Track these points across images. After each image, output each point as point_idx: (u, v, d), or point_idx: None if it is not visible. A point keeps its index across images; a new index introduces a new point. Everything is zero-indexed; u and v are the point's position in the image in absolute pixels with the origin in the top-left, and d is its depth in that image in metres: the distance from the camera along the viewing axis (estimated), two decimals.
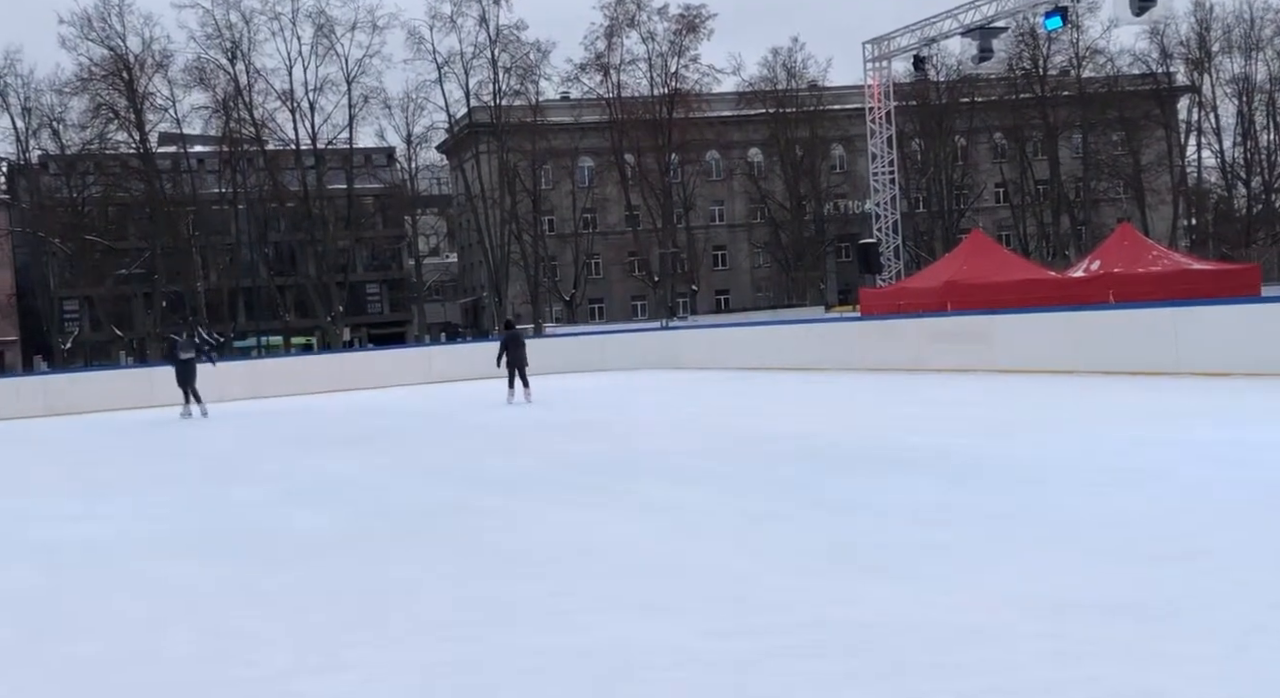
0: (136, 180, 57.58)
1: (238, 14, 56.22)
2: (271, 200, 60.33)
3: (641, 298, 67.62)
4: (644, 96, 61.02)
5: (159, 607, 5.56)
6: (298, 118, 58.08)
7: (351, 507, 8.45)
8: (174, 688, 4.26)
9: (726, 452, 10.22)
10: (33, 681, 4.48)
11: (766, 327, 29.18)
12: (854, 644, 4.21)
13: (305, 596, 5.60)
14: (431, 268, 74.14)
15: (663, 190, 61.67)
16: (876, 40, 35.50)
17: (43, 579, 6.46)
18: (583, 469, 9.67)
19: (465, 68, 59.03)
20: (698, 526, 6.78)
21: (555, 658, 4.26)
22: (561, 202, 65.08)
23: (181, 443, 15.81)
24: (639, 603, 5.02)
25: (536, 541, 6.63)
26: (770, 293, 68.47)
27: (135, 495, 10.10)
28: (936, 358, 18.98)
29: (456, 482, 9.48)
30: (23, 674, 4.57)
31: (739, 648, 4.24)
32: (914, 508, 6.87)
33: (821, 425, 12.21)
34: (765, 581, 5.27)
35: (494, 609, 5.06)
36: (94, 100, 55.72)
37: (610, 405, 17.34)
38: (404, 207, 66.35)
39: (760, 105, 63.87)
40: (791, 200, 64.95)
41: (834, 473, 8.48)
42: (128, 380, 27.11)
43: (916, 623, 4.43)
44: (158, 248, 57.98)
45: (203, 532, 7.81)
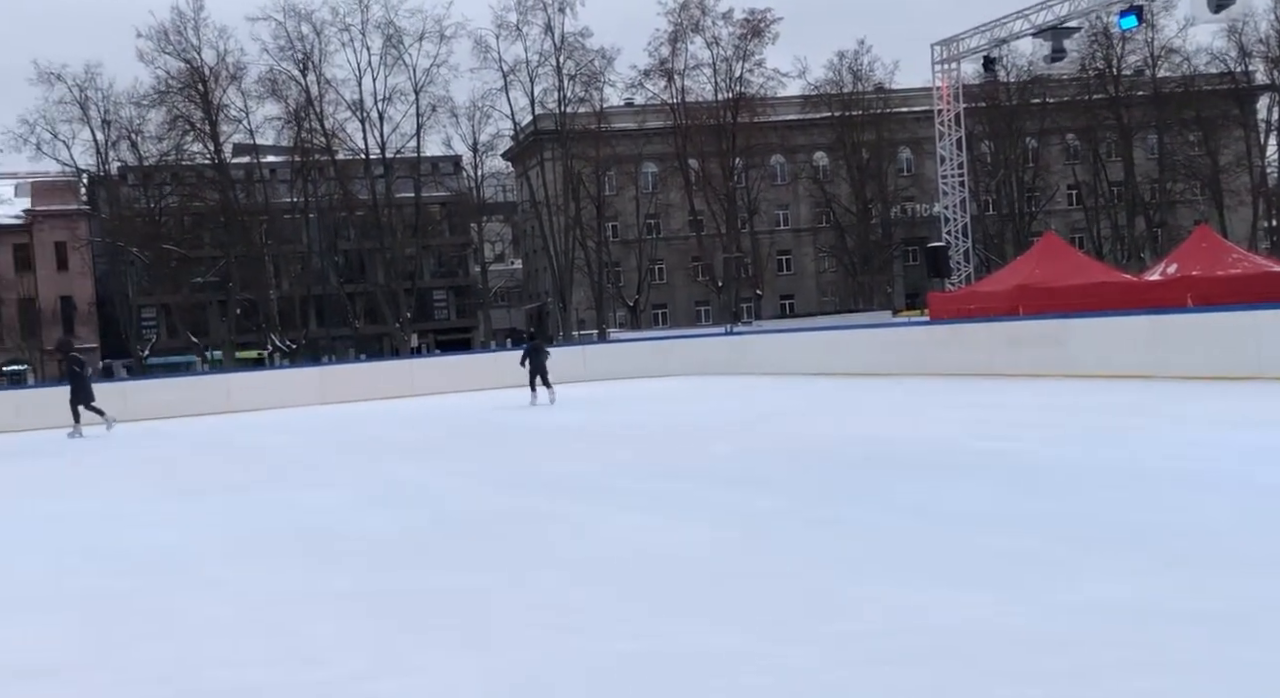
0: (211, 190, 58.85)
1: (309, 26, 57.27)
2: (341, 209, 61.28)
3: (705, 303, 67.48)
4: (708, 101, 60.94)
5: (230, 611, 5.62)
6: (367, 127, 59.00)
7: (418, 512, 8.50)
8: (246, 692, 4.29)
9: (794, 457, 10.11)
10: (105, 684, 4.54)
11: (833, 331, 28.92)
12: (929, 652, 4.12)
13: (373, 600, 5.63)
14: (497, 274, 74.73)
15: (727, 195, 61.52)
16: (945, 42, 35.08)
17: (118, 583, 6.57)
18: (648, 475, 9.63)
19: (530, 76, 59.47)
20: (766, 531, 6.70)
21: (623, 664, 4.23)
22: (625, 207, 65.22)
23: (252, 449, 16.06)
24: (707, 610, 4.96)
25: (603, 546, 6.60)
26: (836, 298, 67.92)
27: (208, 500, 10.27)
28: (1008, 363, 18.64)
29: (522, 487, 9.50)
30: (96, 678, 4.64)
31: (811, 656, 4.17)
32: (988, 514, 6.73)
33: (891, 430, 12.05)
34: (836, 587, 5.19)
35: (561, 615, 5.04)
36: (170, 112, 57.06)
37: (675, 411, 17.30)
38: (470, 214, 66.97)
39: (826, 108, 63.43)
40: (857, 204, 64.41)
41: (904, 478, 8.35)
42: (203, 387, 27.70)
43: (994, 630, 4.32)
44: (232, 256, 59.15)
45: (272, 536, 7.90)
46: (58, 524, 9.37)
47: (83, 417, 19.97)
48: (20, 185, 67.59)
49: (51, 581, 6.75)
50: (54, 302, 66.20)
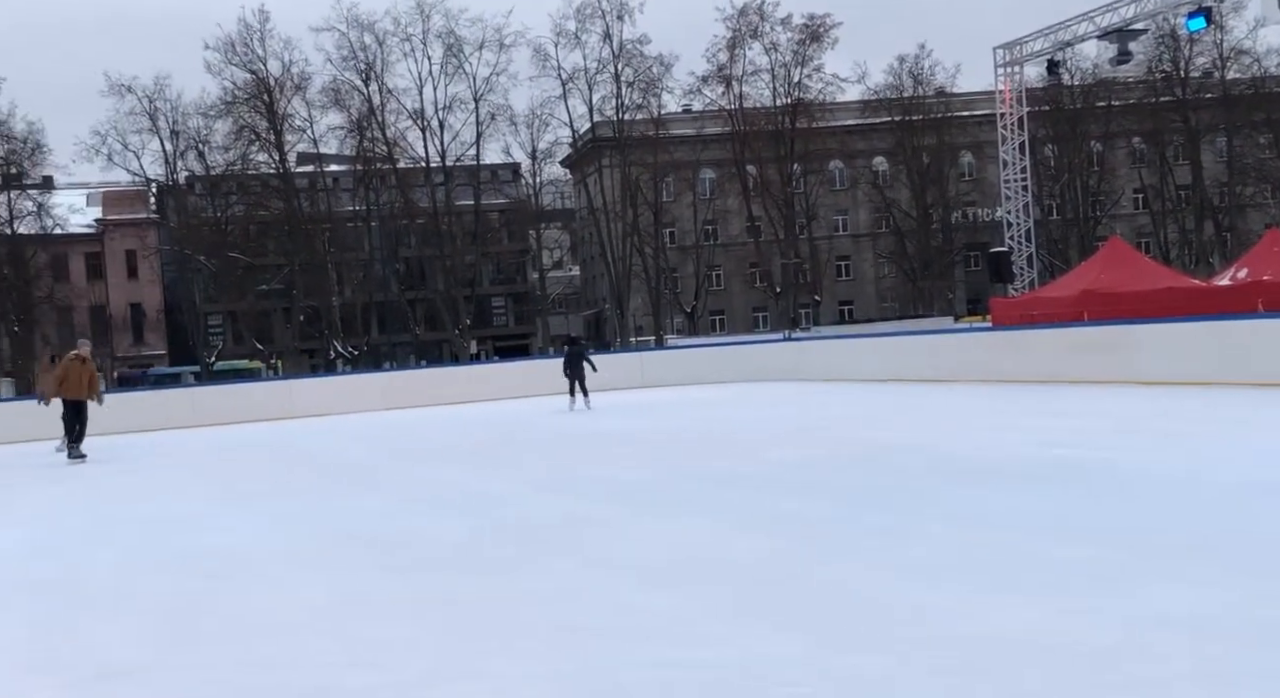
0: (276, 199, 59.89)
1: (371, 36, 58.10)
2: (402, 217, 62.02)
3: (763, 309, 67.27)
4: (766, 107, 60.79)
5: (294, 614, 5.72)
6: (428, 136, 59.70)
7: (479, 517, 8.57)
8: (312, 693, 4.36)
9: (852, 464, 10.05)
10: (172, 685, 4.64)
11: (893, 337, 28.68)
12: (989, 662, 4.08)
13: (433, 605, 5.69)
14: (555, 281, 75.12)
15: (785, 201, 61.30)
16: (1008, 45, 34.70)
17: (187, 585, 6.71)
18: (706, 481, 9.63)
19: (589, 83, 59.79)
20: (824, 538, 6.67)
21: (683, 672, 4.23)
22: (683, 213, 65.24)
23: (315, 454, 16.30)
24: (766, 616, 4.96)
25: (660, 552, 6.62)
26: (896, 303, 67.38)
27: (272, 504, 10.45)
28: (1072, 369, 18.36)
29: (580, 493, 9.54)
30: (163, 679, 4.75)
31: (873, 665, 4.15)
32: (1050, 522, 6.64)
33: (952, 438, 11.93)
34: (896, 595, 5.15)
35: (620, 620, 5.06)
36: (237, 122, 58.20)
37: (732, 417, 17.26)
38: (528, 221, 67.44)
39: (886, 113, 63.01)
40: (918, 209, 63.85)
41: (964, 486, 8.26)
42: (267, 393, 28.19)
43: (1056, 641, 4.27)
44: (296, 264, 60.10)
45: (336, 540, 8.02)
46: (127, 527, 9.59)
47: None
48: (92, 195, 69.29)
49: (123, 583, 6.91)
50: (124, 309, 67.75)
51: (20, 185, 56.81)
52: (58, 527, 10.06)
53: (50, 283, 59.73)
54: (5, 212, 56.08)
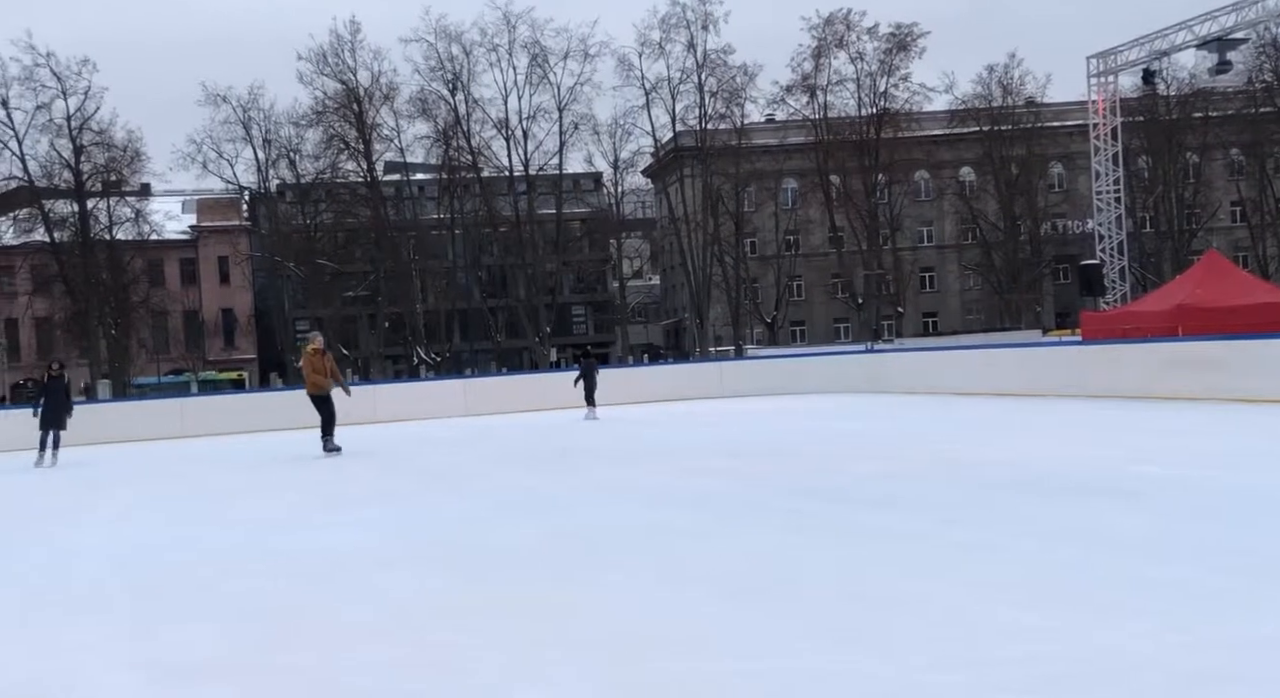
0: (363, 207, 60.97)
1: (459, 47, 58.89)
2: (485, 225, 62.71)
3: (845, 320, 66.64)
4: (851, 117, 60.27)
5: (377, 617, 5.76)
6: (511, 145, 60.30)
7: (560, 523, 8.57)
8: (392, 696, 4.38)
9: (938, 479, 9.85)
10: (259, 685, 4.69)
11: (979, 350, 28.17)
12: (1079, 683, 3.94)
13: (514, 609, 5.69)
14: (635, 290, 75.32)
15: (868, 211, 60.67)
16: (1102, 54, 33.96)
17: (273, 587, 6.81)
18: (786, 492, 9.52)
19: (672, 93, 59.87)
20: (910, 554, 6.53)
21: (764, 685, 4.16)
22: (764, 223, 64.97)
23: (398, 458, 16.49)
24: (848, 633, 4.86)
25: (737, 564, 6.54)
26: (982, 316, 66.23)
27: (359, 507, 10.58)
28: (1166, 386, 17.83)
29: (658, 501, 9.49)
30: (251, 678, 4.81)
31: (954, 684, 4.03)
32: (1141, 541, 6.43)
33: (1039, 453, 11.64)
34: (983, 613, 5.01)
35: (697, 632, 5.00)
36: (327, 132, 59.42)
37: (813, 429, 17.08)
38: (610, 230, 67.72)
39: (973, 123, 62.02)
40: (1006, 220, 62.73)
41: (1053, 503, 8.04)
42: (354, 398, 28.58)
43: (1146, 662, 4.11)
44: (381, 271, 61.08)
45: (419, 544, 8.08)
46: (220, 529, 9.79)
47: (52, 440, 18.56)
48: (187, 202, 71.29)
49: (215, 583, 7.04)
50: (215, 314, 69.55)
51: (119, 192, 58.64)
52: (154, 527, 10.31)
53: (146, 288, 61.53)
54: (105, 217, 57.91)
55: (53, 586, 7.35)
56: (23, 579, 7.69)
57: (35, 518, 11.73)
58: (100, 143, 56.93)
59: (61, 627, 6.00)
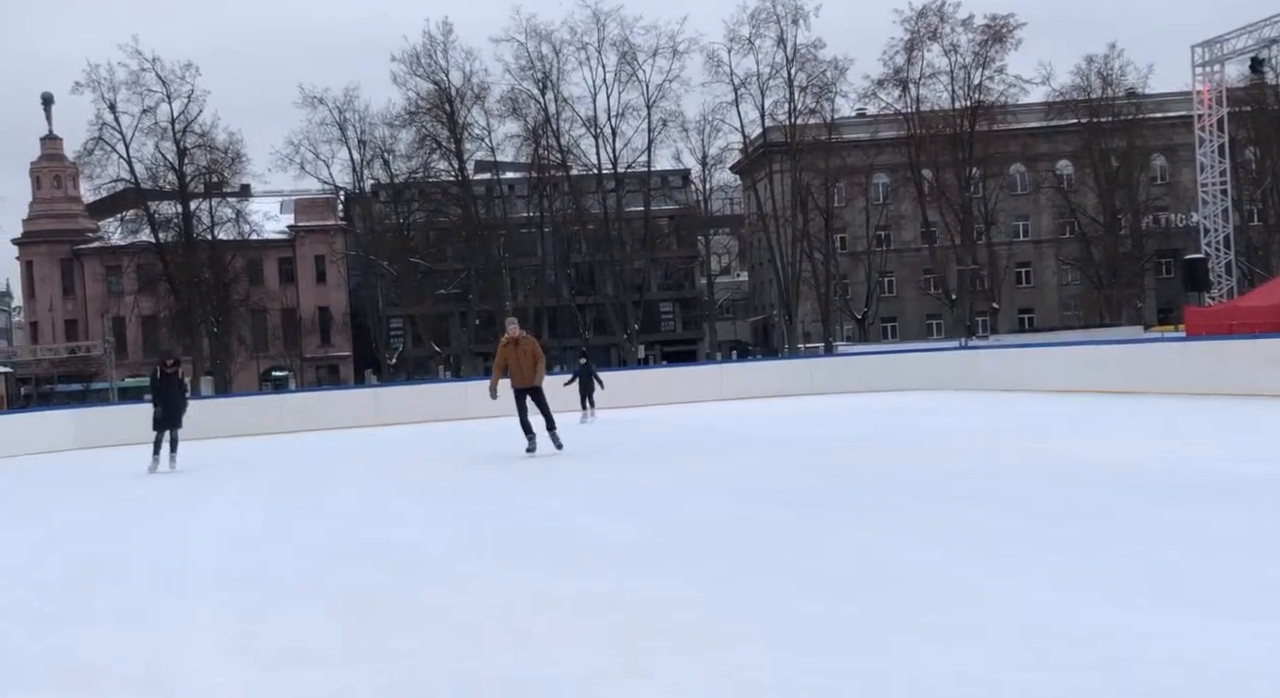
0: (454, 206, 61.86)
1: (549, 46, 59.43)
2: (574, 223, 63.15)
3: (937, 316, 65.65)
4: (944, 110, 59.32)
5: (472, 608, 5.87)
6: (600, 143, 60.64)
7: (652, 518, 8.63)
8: (489, 686, 4.47)
9: (1034, 476, 9.67)
10: (356, 674, 4.82)
11: (1078, 346, 27.52)
12: (1179, 687, 3.85)
13: (606, 603, 5.75)
14: (723, 287, 75.13)
15: (962, 206, 59.65)
16: (1208, 43, 32.94)
17: (370, 579, 6.97)
18: (878, 488, 9.43)
19: (761, 88, 59.63)
20: (1002, 552, 6.44)
21: (853, 681, 4.15)
22: (854, 218, 64.30)
23: (491, 453, 16.71)
24: (937, 630, 4.81)
25: (831, 560, 6.51)
26: (1080, 312, 64.70)
27: (454, 501, 10.76)
28: (1273, 383, 17.24)
29: (749, 497, 9.48)
30: (347, 667, 4.94)
31: (1049, 684, 3.98)
32: (1246, 542, 6.24)
33: (1140, 452, 11.35)
34: (1079, 613, 4.92)
35: (787, 627, 5.00)
36: (420, 132, 60.44)
37: (906, 426, 16.88)
38: (697, 227, 67.69)
39: (1072, 115, 60.60)
40: (1105, 214, 61.17)
41: (1154, 502, 7.84)
42: (445, 393, 29.14)
43: (1251, 667, 4.00)
44: (472, 269, 61.95)
45: (511, 537, 8.20)
46: (318, 521, 10.05)
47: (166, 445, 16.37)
48: (285, 202, 73.14)
49: (312, 574, 7.23)
50: (312, 312, 71.22)
51: (221, 193, 60.39)
52: (251, 520, 10.63)
53: (246, 286, 63.27)
54: (207, 218, 59.68)
55: (165, 576, 7.62)
56: (134, 569, 7.99)
57: (151, 511, 12.16)
58: (203, 145, 58.72)
59: (175, 616, 6.23)
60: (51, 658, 5.38)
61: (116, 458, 19.88)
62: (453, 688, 4.43)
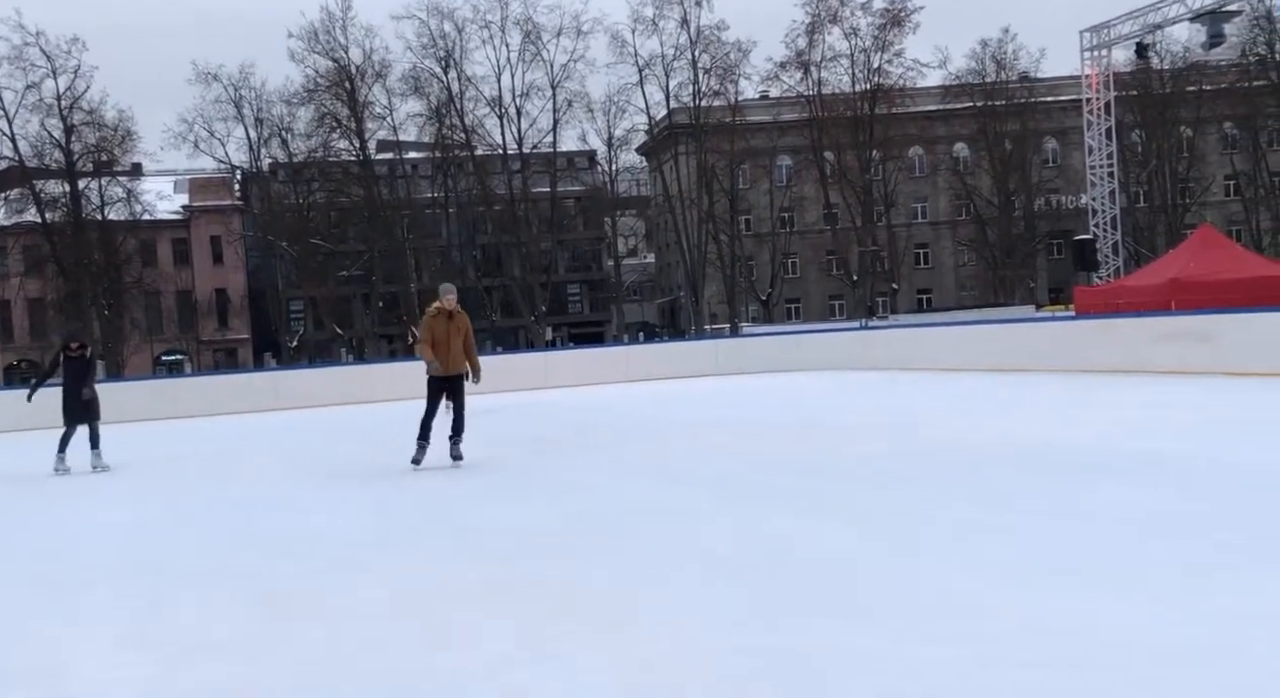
0: (356, 186, 60.77)
1: (451, 24, 58.60)
2: (480, 204, 62.57)
3: (840, 297, 66.69)
4: (845, 93, 60.11)
5: (380, 596, 5.83)
6: (505, 123, 60.08)
7: (558, 505, 8.63)
8: (398, 676, 4.44)
9: (934, 455, 9.93)
10: (259, 663, 4.75)
11: (973, 326, 28.26)
12: (1077, 657, 4.00)
13: (514, 591, 5.75)
14: (630, 268, 75.28)
15: (863, 188, 60.62)
16: (1096, 28, 33.91)
17: (277, 567, 6.87)
18: (787, 472, 9.58)
19: (666, 70, 59.67)
20: (909, 533, 6.60)
21: (759, 659, 4.23)
22: (759, 200, 64.88)
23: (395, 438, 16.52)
24: (842, 609, 4.92)
25: (737, 544, 6.60)
26: (976, 291, 66.35)
27: (357, 488, 10.64)
28: (1158, 359, 17.93)
29: (660, 481, 9.56)
30: (250, 656, 4.87)
31: (948, 658, 4.10)
32: (1143, 517, 6.50)
33: (1037, 429, 11.72)
34: (979, 591, 5.08)
35: (691, 611, 5.07)
36: (319, 110, 59.13)
37: (810, 406, 17.16)
38: (604, 208, 67.63)
39: (967, 99, 61.93)
40: (1000, 196, 62.72)
41: (1045, 479, 8.11)
42: (348, 377, 28.70)
43: (1146, 638, 4.18)
44: (375, 250, 60.98)
45: (418, 525, 8.15)
46: (219, 510, 9.84)
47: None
48: (179, 182, 71.01)
49: (215, 564, 7.10)
50: (209, 294, 69.40)
51: (110, 172, 58.41)
52: (151, 510, 10.35)
53: (139, 268, 61.35)
54: (96, 197, 57.68)
55: (60, 568, 7.40)
56: (28, 560, 7.74)
57: (43, 500, 11.77)
58: (91, 122, 56.68)
59: (72, 608, 6.05)
60: None
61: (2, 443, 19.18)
62: (359, 678, 4.40)
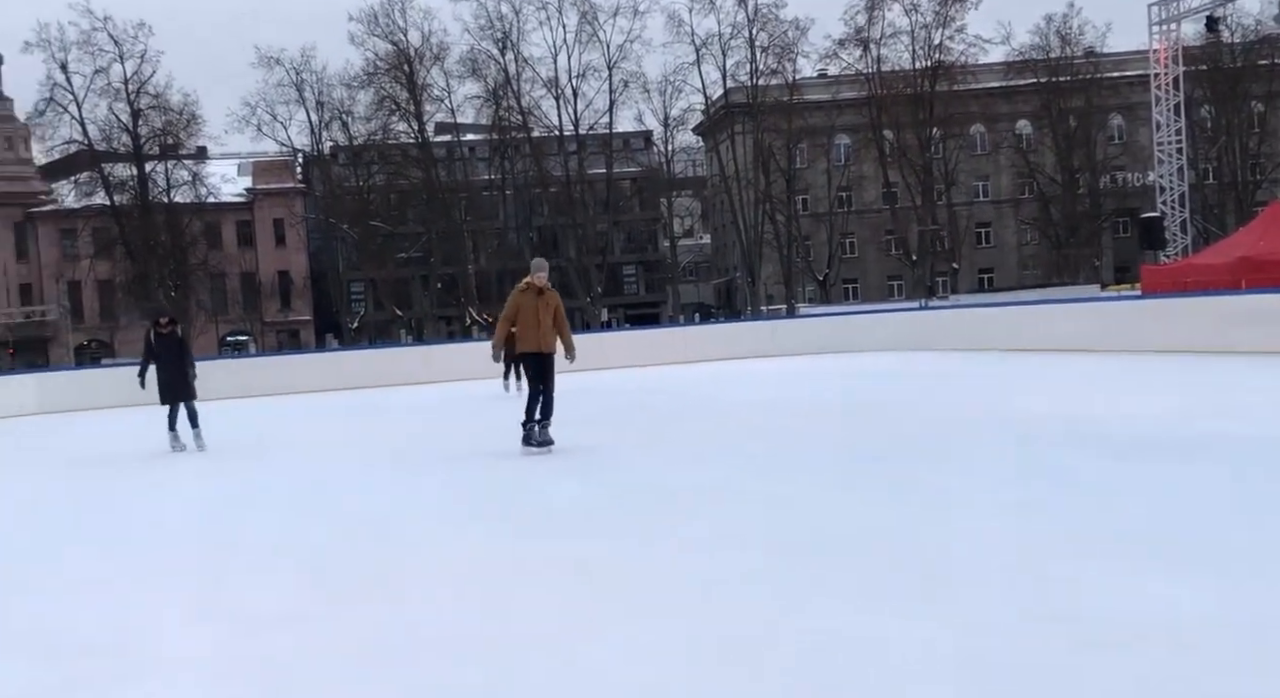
0: (415, 168, 61.25)
1: (509, 5, 58.82)
2: (536, 185, 62.75)
3: (898, 277, 66.02)
4: (905, 70, 59.35)
5: (437, 570, 5.90)
6: (561, 105, 60.18)
7: (613, 482, 8.66)
8: (458, 648, 4.49)
9: (993, 435, 9.81)
10: (321, 636, 4.83)
11: (1035, 306, 27.80)
12: (1134, 638, 3.94)
13: (571, 565, 5.78)
14: (686, 249, 75.11)
15: (923, 166, 59.88)
16: (1164, 2, 33.14)
17: (337, 544, 6.98)
18: (840, 451, 9.53)
19: (723, 49, 59.35)
20: (961, 513, 6.53)
21: (820, 639, 4.21)
22: (816, 180, 64.36)
23: (453, 419, 16.68)
24: (898, 594, 4.89)
25: (791, 524, 6.58)
26: (1038, 271, 65.29)
27: (419, 465, 10.76)
28: (1228, 340, 17.53)
29: (718, 462, 9.55)
30: (313, 629, 4.95)
31: (1004, 644, 4.06)
32: (1199, 498, 6.38)
33: (1098, 409, 11.53)
34: (1037, 569, 5.01)
35: (748, 590, 5.06)
36: (378, 93, 59.69)
37: (866, 387, 17.02)
38: (660, 189, 67.49)
39: (1031, 75, 60.82)
40: (1064, 174, 61.62)
41: (1107, 460, 7.98)
42: (408, 358, 29.04)
43: (1208, 620, 4.10)
44: (433, 232, 61.44)
45: (477, 501, 8.22)
46: (283, 486, 10.01)
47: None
48: (243, 165, 72.03)
49: (280, 540, 7.23)
50: (272, 276, 70.41)
51: (176, 155, 59.43)
52: (219, 487, 10.57)
53: (205, 250, 62.41)
54: (163, 180, 58.74)
55: (130, 543, 7.58)
56: (99, 536, 7.94)
57: (115, 479, 12.06)
58: (157, 106, 57.72)
59: (140, 582, 6.20)
60: (12, 624, 5.35)
61: (80, 423, 19.67)
62: (420, 649, 4.45)
